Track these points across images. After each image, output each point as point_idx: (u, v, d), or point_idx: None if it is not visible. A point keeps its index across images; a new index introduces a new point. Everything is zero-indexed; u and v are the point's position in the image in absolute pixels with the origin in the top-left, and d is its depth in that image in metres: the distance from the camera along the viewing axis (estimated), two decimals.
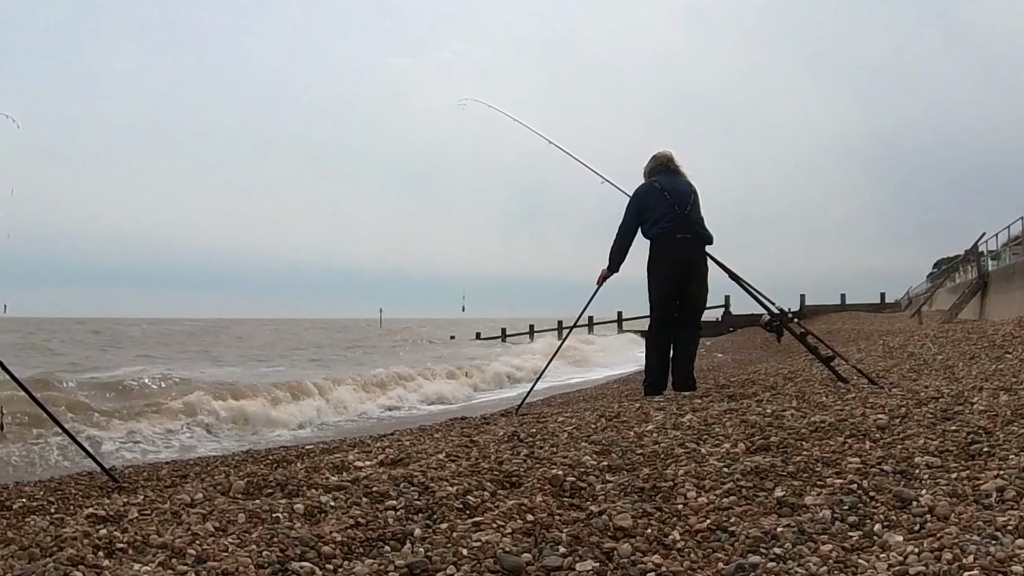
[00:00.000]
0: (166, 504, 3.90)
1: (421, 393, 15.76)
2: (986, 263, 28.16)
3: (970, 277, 28.98)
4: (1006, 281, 22.84)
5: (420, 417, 11.98)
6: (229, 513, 3.46)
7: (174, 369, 18.80)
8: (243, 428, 11.12)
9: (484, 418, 6.79)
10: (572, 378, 18.45)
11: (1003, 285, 22.98)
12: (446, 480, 3.69)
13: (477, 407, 12.30)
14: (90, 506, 4.17)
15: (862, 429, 4.15)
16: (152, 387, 14.23)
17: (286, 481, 4.05)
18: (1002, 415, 4.24)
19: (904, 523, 2.78)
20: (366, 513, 3.27)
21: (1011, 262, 25.08)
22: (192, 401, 11.82)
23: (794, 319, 7.15)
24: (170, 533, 3.22)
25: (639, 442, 4.26)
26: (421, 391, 15.99)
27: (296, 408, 12.84)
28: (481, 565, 2.61)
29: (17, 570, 2.79)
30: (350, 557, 2.83)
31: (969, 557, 2.35)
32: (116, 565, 2.84)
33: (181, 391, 13.17)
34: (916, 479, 3.26)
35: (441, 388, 16.83)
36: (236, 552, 2.84)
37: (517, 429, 5.15)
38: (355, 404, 13.91)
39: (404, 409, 14.24)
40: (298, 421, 11.85)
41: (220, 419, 11.23)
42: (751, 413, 5.00)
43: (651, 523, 2.95)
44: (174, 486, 4.60)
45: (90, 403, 11.84)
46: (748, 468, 3.53)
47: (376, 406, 14.17)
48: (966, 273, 31.73)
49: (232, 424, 11.19)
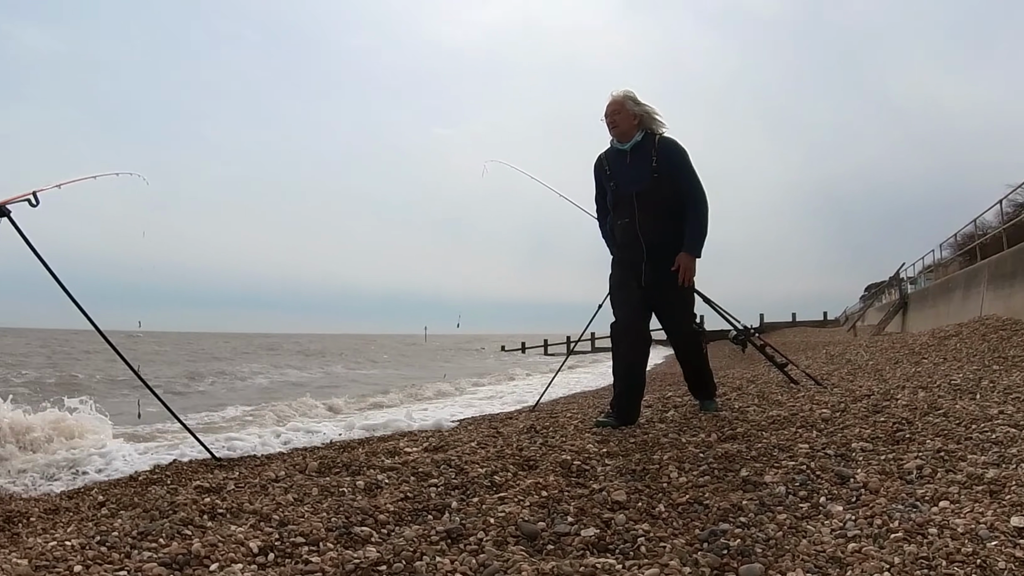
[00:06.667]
0: (256, 479, 3.90)
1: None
2: (906, 287, 28.12)
3: (894, 298, 28.86)
4: (922, 301, 22.88)
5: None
6: (305, 487, 3.47)
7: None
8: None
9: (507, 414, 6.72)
10: (579, 382, 18.36)
11: (919, 304, 23.00)
12: (477, 463, 3.67)
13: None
14: (197, 479, 4.18)
15: (810, 421, 4.12)
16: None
17: (350, 462, 4.05)
18: (920, 408, 4.27)
19: (844, 496, 2.77)
20: (413, 489, 3.26)
21: (925, 286, 25.02)
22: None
23: (755, 334, 7.05)
24: (259, 502, 3.23)
25: (632, 433, 4.22)
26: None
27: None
28: (505, 531, 2.59)
29: (141, 527, 2.81)
30: (400, 523, 2.82)
31: (895, 523, 2.37)
32: (217, 526, 2.87)
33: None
34: (853, 460, 3.23)
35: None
36: (310, 518, 2.85)
37: (534, 423, 5.13)
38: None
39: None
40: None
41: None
42: (721, 409, 4.95)
43: (641, 498, 2.91)
44: (263, 465, 4.59)
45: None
46: (719, 453, 3.50)
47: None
48: (890, 295, 31.55)
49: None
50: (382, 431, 6.04)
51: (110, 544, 2.60)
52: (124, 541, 2.64)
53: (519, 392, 13.59)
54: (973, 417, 3.86)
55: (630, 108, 4.59)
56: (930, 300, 21.20)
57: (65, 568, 2.36)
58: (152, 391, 5.18)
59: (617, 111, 4.61)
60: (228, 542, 2.53)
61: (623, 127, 4.61)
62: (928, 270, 27.62)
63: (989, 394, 4.75)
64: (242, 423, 9.63)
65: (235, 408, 11.69)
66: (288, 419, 9.56)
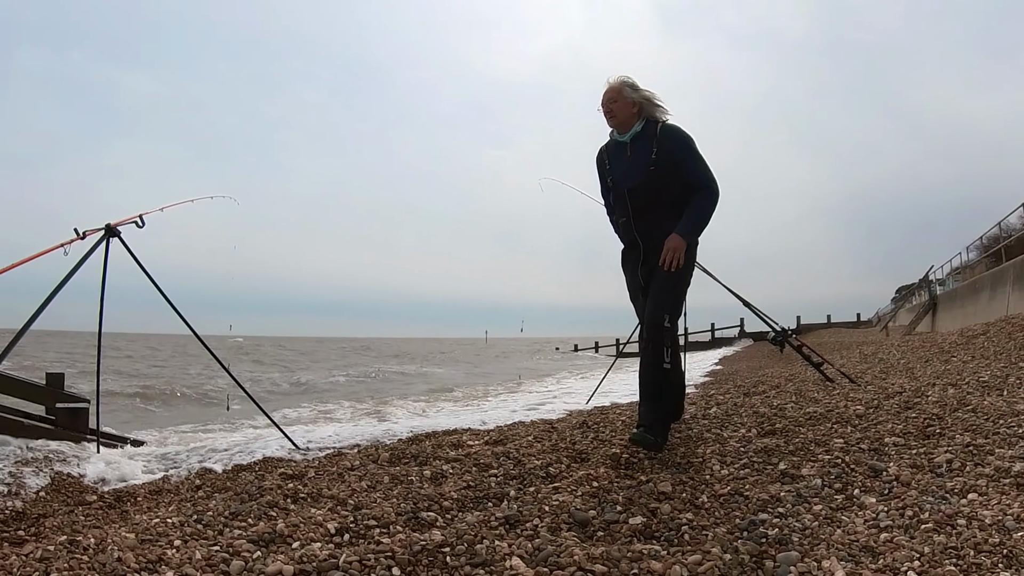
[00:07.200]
0: (333, 468, 3.97)
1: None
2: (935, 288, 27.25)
3: (923, 299, 28.01)
4: (950, 302, 22.15)
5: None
6: (377, 476, 3.52)
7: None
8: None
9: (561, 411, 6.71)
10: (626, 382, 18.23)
11: (948, 305, 22.26)
12: (533, 455, 3.68)
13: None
14: (282, 467, 4.28)
15: (845, 417, 4.03)
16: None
17: (418, 454, 4.09)
18: (950, 404, 4.15)
19: (876, 488, 2.73)
20: (475, 478, 3.29)
21: (954, 287, 24.20)
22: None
23: (792, 335, 6.93)
24: (336, 488, 3.29)
25: (676, 429, 4.17)
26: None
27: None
28: (558, 518, 2.60)
29: (233, 508, 2.92)
30: (463, 510, 2.85)
31: (925, 514, 2.34)
32: (299, 509, 2.94)
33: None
34: (886, 454, 3.17)
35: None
36: (382, 503, 2.90)
37: (586, 419, 5.11)
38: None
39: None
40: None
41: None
42: (761, 406, 4.87)
43: (686, 489, 2.90)
44: (339, 455, 4.66)
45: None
46: (759, 448, 3.45)
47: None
48: (920, 296, 30.62)
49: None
50: (447, 425, 6.08)
51: (205, 522, 2.72)
52: (217, 520, 2.75)
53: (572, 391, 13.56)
54: (1000, 413, 3.74)
55: (628, 95, 3.86)
56: (958, 301, 20.55)
57: (166, 542, 2.47)
58: (242, 387, 5.33)
59: (614, 99, 3.89)
60: (308, 523, 2.60)
61: (621, 116, 3.89)
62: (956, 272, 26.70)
63: (1016, 390, 4.59)
64: (321, 416, 9.81)
65: (310, 404, 11.89)
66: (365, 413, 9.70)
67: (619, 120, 3.91)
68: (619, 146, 3.95)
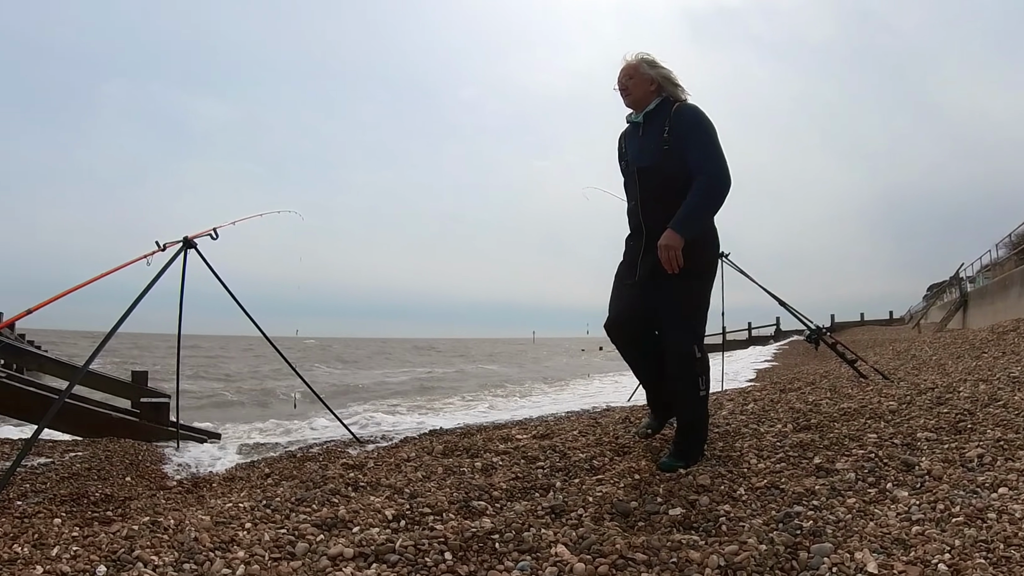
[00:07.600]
0: (391, 458, 3.99)
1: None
2: (966, 286, 26.31)
3: (954, 297, 27.08)
4: (981, 299, 21.34)
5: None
6: (432, 466, 3.53)
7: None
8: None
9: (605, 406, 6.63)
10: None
11: (979, 302, 21.45)
12: (578, 449, 3.64)
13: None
14: (343, 458, 4.31)
15: (878, 412, 3.88)
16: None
17: (470, 446, 4.08)
18: (981, 400, 3.95)
19: (909, 482, 2.61)
20: (523, 470, 3.27)
21: (984, 284, 23.32)
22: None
23: (826, 333, 6.75)
24: (393, 477, 3.31)
25: (715, 423, 4.08)
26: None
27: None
28: (602, 509, 2.57)
29: (299, 495, 2.95)
30: (512, 499, 2.83)
31: (957, 507, 2.24)
32: (359, 496, 2.97)
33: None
34: (918, 449, 3.03)
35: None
36: (436, 492, 2.90)
37: (628, 414, 5.03)
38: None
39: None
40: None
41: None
42: (796, 402, 4.72)
43: (724, 482, 2.82)
44: (397, 447, 4.68)
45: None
46: (795, 442, 3.34)
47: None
48: (951, 294, 29.59)
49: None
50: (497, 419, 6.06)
51: (274, 507, 2.77)
52: (285, 505, 2.80)
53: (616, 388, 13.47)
54: None
55: (645, 72, 3.32)
56: (988, 297, 19.80)
57: (238, 524, 2.52)
58: (307, 384, 5.37)
59: (630, 75, 3.35)
60: (368, 510, 2.62)
61: (637, 94, 3.35)
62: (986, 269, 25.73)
63: None
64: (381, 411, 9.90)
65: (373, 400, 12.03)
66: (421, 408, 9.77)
67: (635, 98, 3.38)
68: (634, 127, 3.43)
